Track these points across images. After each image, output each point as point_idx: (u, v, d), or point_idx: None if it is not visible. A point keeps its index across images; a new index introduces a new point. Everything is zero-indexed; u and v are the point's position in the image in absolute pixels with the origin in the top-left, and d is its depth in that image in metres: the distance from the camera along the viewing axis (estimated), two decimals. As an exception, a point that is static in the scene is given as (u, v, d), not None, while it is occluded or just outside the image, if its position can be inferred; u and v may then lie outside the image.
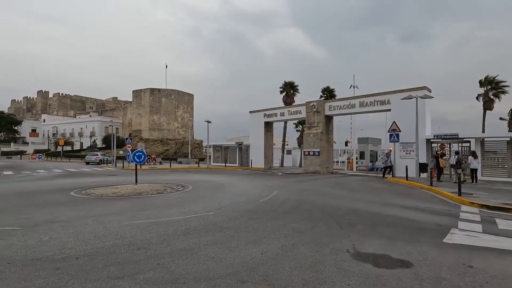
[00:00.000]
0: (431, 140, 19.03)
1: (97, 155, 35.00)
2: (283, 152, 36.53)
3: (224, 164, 32.00)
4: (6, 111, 52.10)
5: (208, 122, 31.35)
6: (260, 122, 29.45)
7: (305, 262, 4.08)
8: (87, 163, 33.95)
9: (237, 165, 31.33)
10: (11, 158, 54.98)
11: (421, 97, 15.20)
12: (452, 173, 15.54)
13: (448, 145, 19.99)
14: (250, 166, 29.03)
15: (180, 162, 37.88)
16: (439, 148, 19.24)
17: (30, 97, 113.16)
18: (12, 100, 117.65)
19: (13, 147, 66.24)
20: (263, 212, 7.49)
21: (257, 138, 29.68)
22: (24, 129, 64.20)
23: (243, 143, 31.73)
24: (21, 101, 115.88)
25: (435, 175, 15.60)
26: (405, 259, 4.24)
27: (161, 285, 3.37)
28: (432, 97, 16.91)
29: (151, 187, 12.30)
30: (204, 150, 56.78)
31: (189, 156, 47.26)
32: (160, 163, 37.20)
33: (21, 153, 62.16)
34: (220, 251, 4.50)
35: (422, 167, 16.41)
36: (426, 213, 7.82)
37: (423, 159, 17.42)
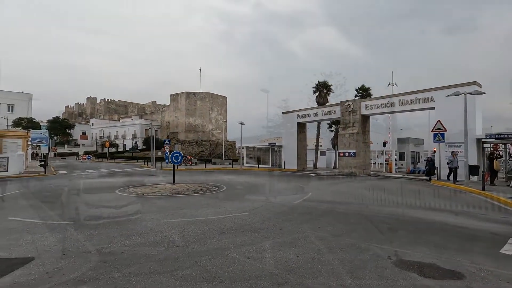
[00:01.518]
0: (483, 140, 17.33)
1: None
2: (316, 153, 35.72)
3: (257, 165, 32.17)
4: (61, 116, 57.76)
5: (241, 123, 31.80)
6: (293, 123, 29.15)
7: (343, 268, 3.92)
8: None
9: (269, 166, 31.29)
10: (65, 158, 60.70)
11: (471, 93, 13.94)
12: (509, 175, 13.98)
13: (503, 146, 18.04)
14: (283, 167, 28.83)
15: (215, 163, 38.89)
16: (492, 148, 17.45)
17: (80, 103, 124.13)
18: (65, 106, 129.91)
19: (66, 148, 73.25)
20: (298, 214, 7.38)
21: (290, 139, 29.40)
22: (75, 133, 70.55)
23: (275, 144, 31.61)
24: (73, 106, 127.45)
25: (488, 179, 14.17)
26: (456, 269, 3.89)
27: (198, 282, 3.45)
28: (484, 93, 15.36)
29: (188, 187, 12.76)
30: (237, 151, 57.67)
31: (223, 157, 48.27)
32: (196, 164, 38.52)
33: (77, 154, 68.78)
34: (255, 252, 4.50)
35: (473, 170, 14.99)
36: (479, 220, 7.11)
37: (473, 161, 15.92)
